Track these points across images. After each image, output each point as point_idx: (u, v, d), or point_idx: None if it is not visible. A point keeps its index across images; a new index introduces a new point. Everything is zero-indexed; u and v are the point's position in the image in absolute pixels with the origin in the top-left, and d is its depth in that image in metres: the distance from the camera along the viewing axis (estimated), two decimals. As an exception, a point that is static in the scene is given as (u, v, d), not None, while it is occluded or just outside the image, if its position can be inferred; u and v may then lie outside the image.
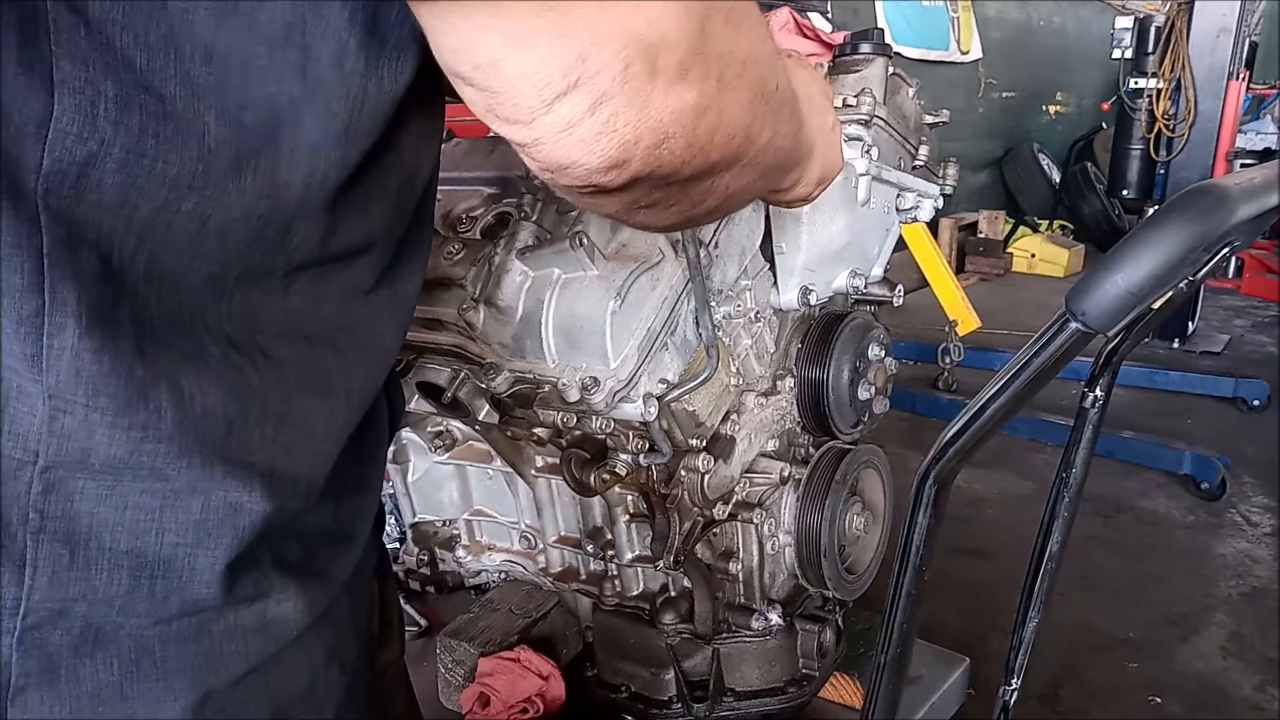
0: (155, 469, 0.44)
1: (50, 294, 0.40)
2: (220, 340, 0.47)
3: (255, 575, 0.50)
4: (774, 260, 1.30)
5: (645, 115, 0.44)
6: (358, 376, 0.56)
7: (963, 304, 3.92)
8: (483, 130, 1.67)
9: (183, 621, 0.47)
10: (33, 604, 0.43)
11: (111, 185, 0.41)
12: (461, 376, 1.21)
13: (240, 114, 0.43)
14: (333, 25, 0.44)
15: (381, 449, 0.66)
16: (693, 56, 0.45)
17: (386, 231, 0.55)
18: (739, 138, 0.51)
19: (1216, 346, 4.66)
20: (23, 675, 0.44)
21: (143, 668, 0.47)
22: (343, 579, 0.57)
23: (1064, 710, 2.05)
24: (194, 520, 0.46)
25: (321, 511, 0.54)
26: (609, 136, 0.44)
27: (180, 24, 0.41)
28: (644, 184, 0.49)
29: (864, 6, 5.57)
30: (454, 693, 1.63)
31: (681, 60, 0.44)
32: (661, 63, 0.44)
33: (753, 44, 0.50)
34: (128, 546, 0.45)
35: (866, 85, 1.27)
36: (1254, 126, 5.72)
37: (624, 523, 1.35)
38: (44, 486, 0.42)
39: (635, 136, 0.45)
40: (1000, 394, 0.72)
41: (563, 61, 0.41)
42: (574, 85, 0.42)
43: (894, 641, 0.86)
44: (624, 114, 0.44)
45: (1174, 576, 2.61)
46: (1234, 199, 0.64)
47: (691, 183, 0.52)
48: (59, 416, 0.41)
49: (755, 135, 0.53)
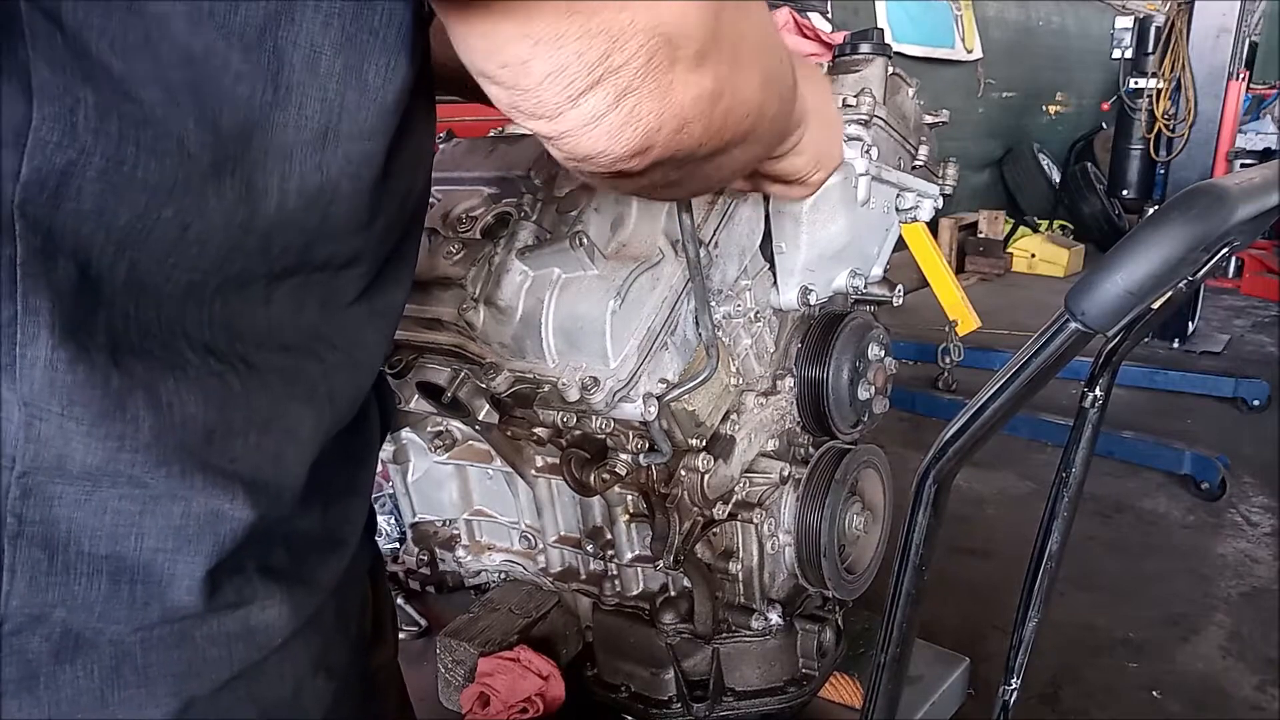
0: (133, 477, 0.43)
1: (23, 303, 0.39)
2: (199, 348, 0.46)
3: (238, 581, 0.49)
4: (774, 260, 1.29)
5: (667, 104, 0.47)
6: (341, 384, 0.55)
7: (963, 304, 3.92)
8: (482, 130, 1.66)
9: (164, 628, 0.47)
10: (10, 609, 0.42)
11: (91, 193, 0.40)
12: (461, 376, 1.21)
13: (217, 118, 0.43)
14: (304, 28, 0.43)
15: (371, 453, 0.65)
16: (709, 45, 0.47)
17: (378, 242, 0.55)
18: (752, 116, 0.55)
19: (1216, 346, 4.66)
20: (2, 682, 0.43)
21: (124, 674, 0.46)
22: (330, 584, 0.56)
23: (1064, 710, 2.05)
24: (174, 527, 0.45)
25: (308, 517, 0.54)
26: (633, 126, 0.46)
27: (157, 28, 0.40)
28: (665, 166, 0.52)
29: (864, 6, 5.57)
30: (454, 693, 1.63)
31: (699, 49, 0.46)
32: (681, 53, 0.46)
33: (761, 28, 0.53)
34: (107, 551, 0.44)
35: (866, 85, 1.27)
36: (1254, 126, 5.72)
37: (624, 523, 1.35)
38: (21, 491, 0.41)
39: (658, 124, 0.47)
40: (1000, 394, 0.72)
41: (588, 59, 0.43)
42: (598, 81, 0.44)
43: (894, 641, 0.86)
44: (647, 104, 0.46)
45: (1174, 576, 2.61)
46: (1234, 199, 0.65)
47: (708, 160, 0.55)
48: (34, 424, 0.41)
49: (765, 112, 0.57)
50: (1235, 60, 4.34)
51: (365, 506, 0.64)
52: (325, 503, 0.55)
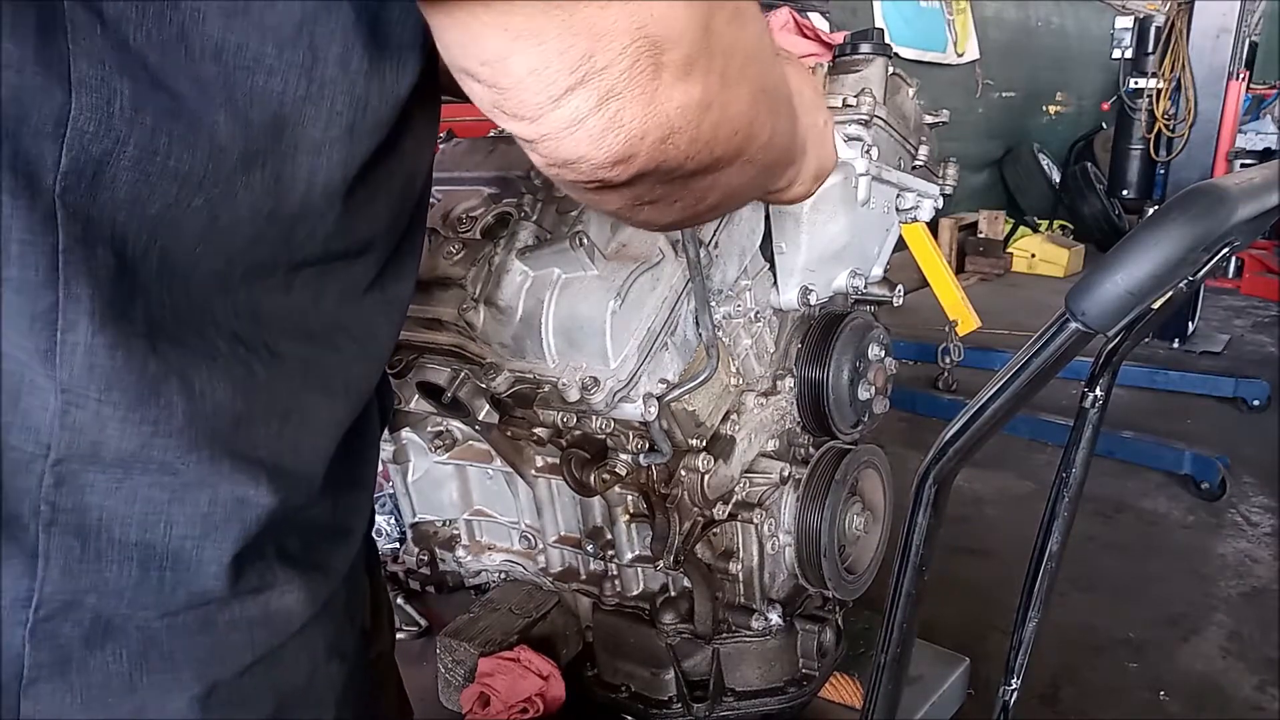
0: (165, 463, 0.44)
1: (64, 290, 0.40)
2: (228, 336, 0.47)
3: (260, 567, 0.50)
4: (774, 260, 1.29)
5: (651, 110, 0.45)
6: (356, 375, 0.56)
7: (963, 304, 3.92)
8: (482, 130, 1.66)
9: (189, 614, 0.48)
10: (45, 596, 0.43)
11: (125, 182, 0.41)
12: (461, 376, 1.21)
13: (248, 111, 0.43)
14: (340, 25, 0.44)
15: (374, 447, 0.67)
16: (698, 52, 0.45)
17: (387, 231, 0.56)
18: (741, 133, 0.52)
19: (1216, 346, 4.66)
20: (35, 667, 0.44)
21: (150, 659, 0.47)
22: (341, 572, 0.58)
23: (1064, 710, 2.05)
24: (202, 514, 0.46)
25: (321, 506, 0.55)
26: (615, 132, 0.45)
27: (191, 23, 0.41)
28: (648, 179, 0.49)
29: (862, 6, 5.57)
30: (454, 693, 1.63)
31: (687, 56, 0.45)
32: (667, 59, 0.44)
33: (754, 41, 0.51)
34: (137, 539, 0.45)
35: (866, 85, 1.27)
36: (1254, 126, 5.72)
37: (624, 523, 1.35)
38: (55, 480, 0.42)
39: (641, 131, 0.45)
40: (1000, 394, 0.72)
41: (570, 58, 0.42)
42: (581, 81, 0.43)
43: (894, 641, 0.86)
44: (630, 109, 0.44)
45: (1174, 576, 2.60)
46: (1234, 199, 0.65)
47: (694, 178, 0.52)
48: (71, 410, 0.41)
49: (757, 131, 0.54)
50: (1235, 60, 4.33)
51: (369, 499, 0.65)
52: (336, 493, 0.56)
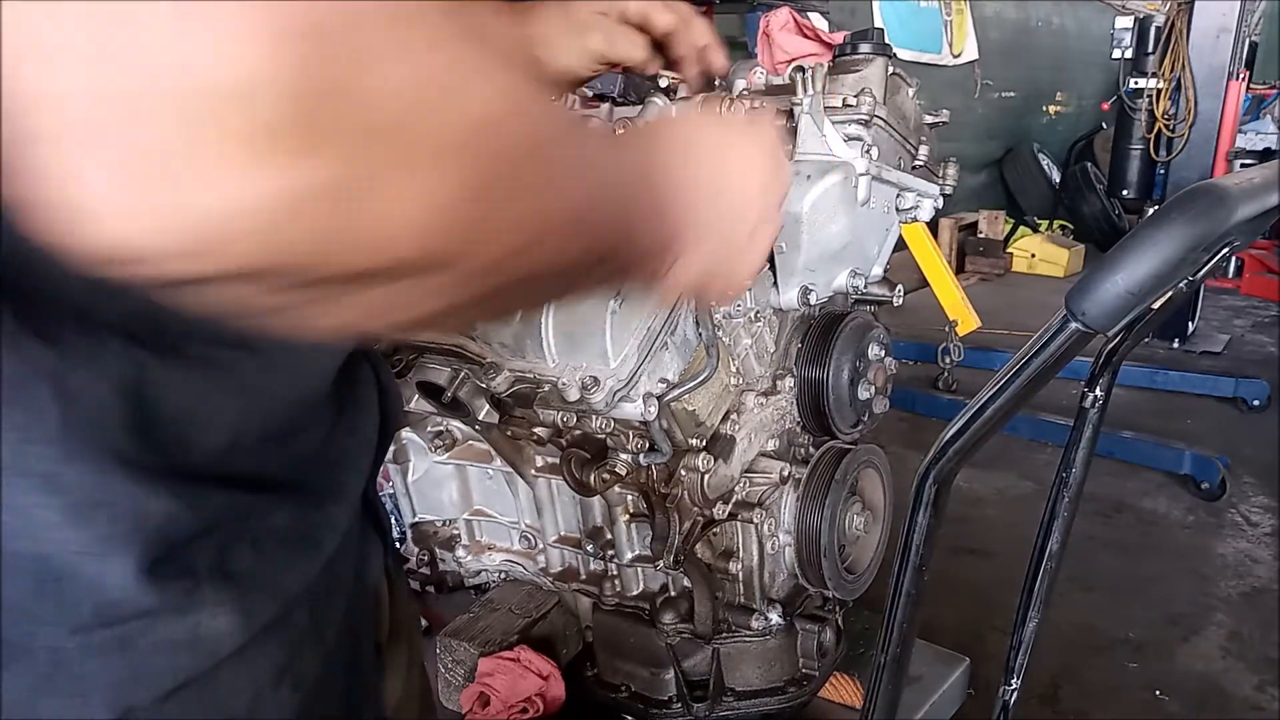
0: (45, 473, 0.40)
1: None
2: (120, 335, 0.42)
3: (186, 585, 0.46)
4: (774, 260, 1.29)
5: (223, 193, 0.30)
6: (281, 379, 0.51)
7: (963, 304, 3.92)
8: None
9: (103, 632, 0.44)
10: None
11: None
12: (461, 376, 1.21)
13: None
14: None
15: (362, 458, 0.61)
16: (301, 118, 0.30)
17: None
18: (442, 235, 0.36)
19: (1216, 346, 4.66)
20: None
21: (58, 681, 0.43)
22: (297, 590, 0.53)
23: (1064, 710, 2.05)
24: (99, 527, 0.42)
25: (280, 515, 0.51)
26: (176, 214, 0.31)
27: None
28: (266, 280, 0.34)
29: (861, 7, 5.58)
30: (454, 693, 1.63)
31: (278, 124, 0.30)
32: (248, 124, 0.29)
33: (459, 82, 0.34)
34: (29, 552, 0.41)
35: (866, 85, 1.27)
36: (1254, 126, 5.73)
37: (624, 522, 1.35)
38: None
39: (223, 219, 0.31)
40: (1000, 394, 0.73)
41: (101, 90, 0.29)
42: (113, 132, 0.30)
43: (894, 641, 0.87)
44: (191, 187, 0.30)
45: (1174, 576, 2.61)
46: (1234, 199, 0.65)
47: (356, 284, 0.36)
48: None
49: (485, 234, 0.38)
50: (1235, 60, 4.34)
51: (349, 512, 0.59)
52: (301, 503, 0.53)
